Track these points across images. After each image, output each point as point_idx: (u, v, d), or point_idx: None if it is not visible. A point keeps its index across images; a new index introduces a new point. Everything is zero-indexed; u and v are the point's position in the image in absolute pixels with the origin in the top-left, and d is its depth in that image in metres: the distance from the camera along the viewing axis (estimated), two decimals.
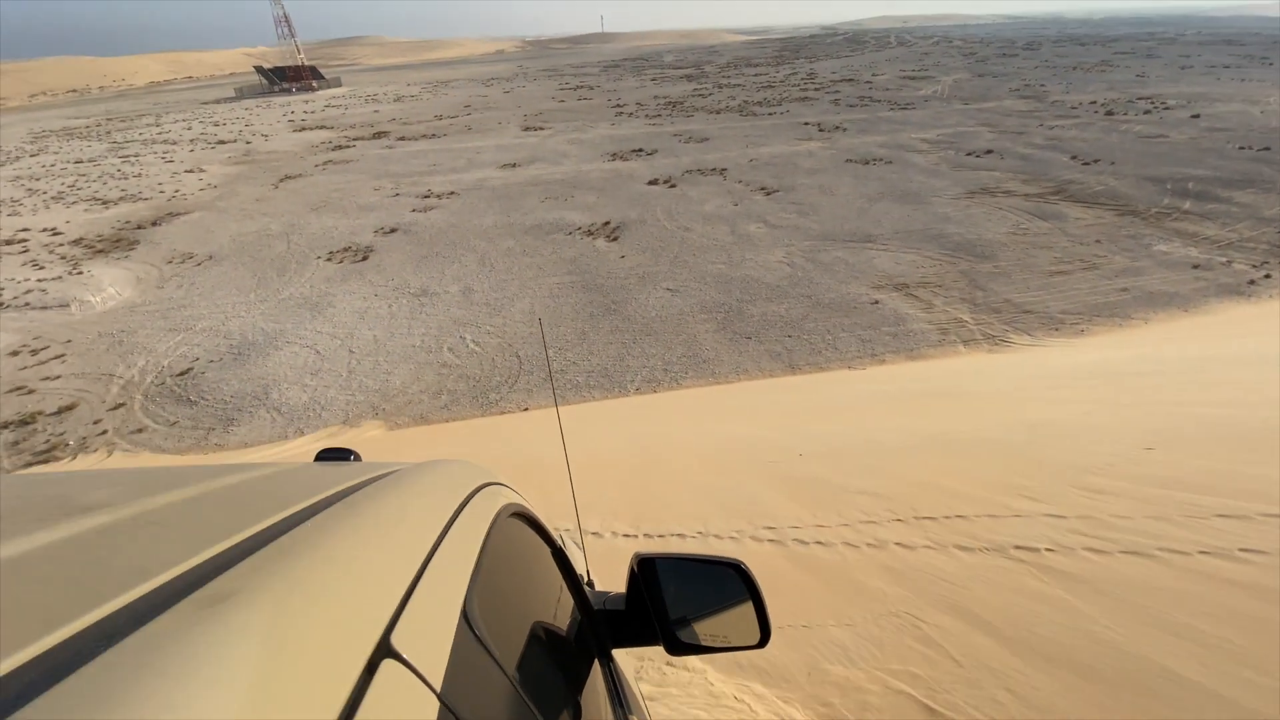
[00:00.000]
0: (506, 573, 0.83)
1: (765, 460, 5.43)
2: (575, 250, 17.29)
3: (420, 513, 0.69)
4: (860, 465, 4.99)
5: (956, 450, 5.03)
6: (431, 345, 12.58)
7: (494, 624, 0.66)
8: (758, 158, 26.87)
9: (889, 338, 11.76)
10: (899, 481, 4.50)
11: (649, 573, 1.20)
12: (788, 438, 6.03)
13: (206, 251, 19.11)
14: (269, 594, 0.41)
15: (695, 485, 5.12)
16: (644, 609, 1.20)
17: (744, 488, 4.91)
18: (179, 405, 11.08)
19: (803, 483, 4.81)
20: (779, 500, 4.56)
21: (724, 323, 12.67)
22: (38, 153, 40.67)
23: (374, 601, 0.46)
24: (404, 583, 0.51)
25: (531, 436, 7.35)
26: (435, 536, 0.63)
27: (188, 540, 0.50)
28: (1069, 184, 21.35)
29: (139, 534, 0.53)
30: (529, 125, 40.06)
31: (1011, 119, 33.80)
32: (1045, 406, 6.15)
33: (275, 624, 0.38)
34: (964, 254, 15.61)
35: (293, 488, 0.72)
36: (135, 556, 0.47)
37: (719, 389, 10.24)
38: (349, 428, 10.06)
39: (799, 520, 4.17)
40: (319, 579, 0.45)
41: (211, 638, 0.35)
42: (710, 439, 6.39)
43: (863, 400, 7.63)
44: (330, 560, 0.49)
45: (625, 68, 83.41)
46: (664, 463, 5.78)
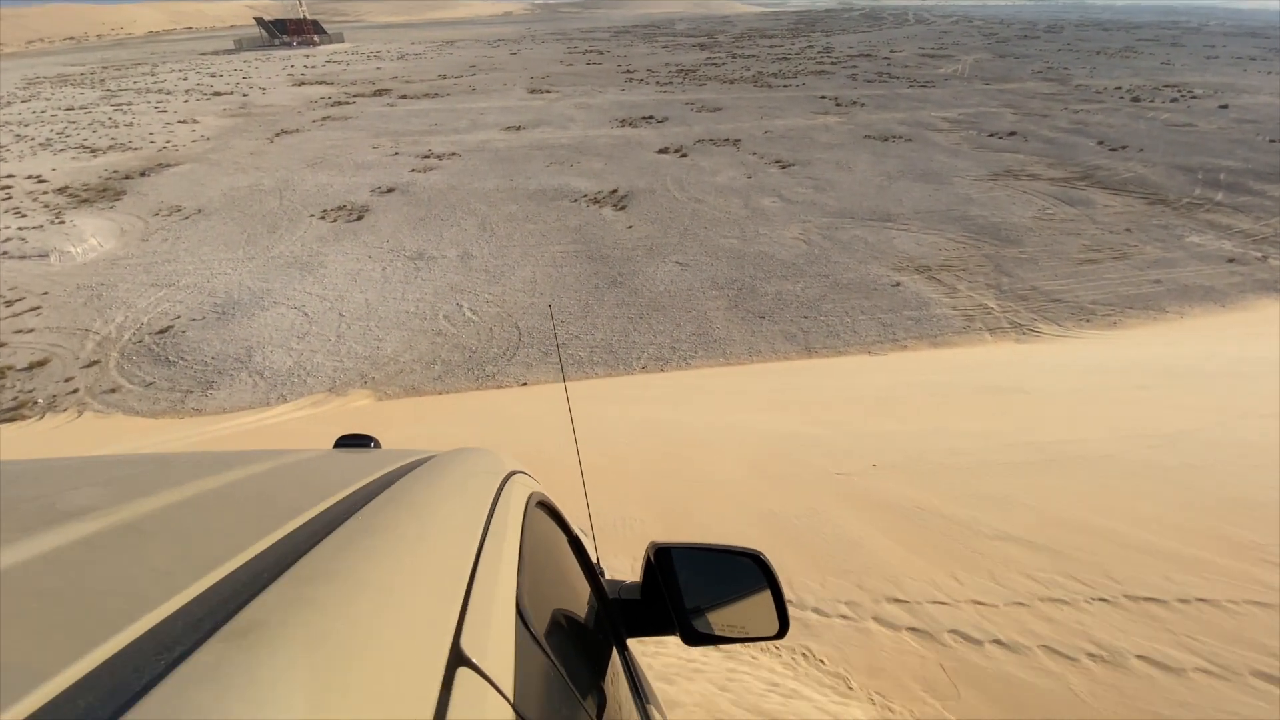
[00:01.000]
0: (542, 565, 0.80)
1: (832, 471, 4.57)
2: (580, 218, 16.51)
3: (457, 508, 0.66)
4: (964, 487, 4.05)
5: (1086, 470, 4.11)
6: (426, 312, 11.91)
7: (540, 620, 0.63)
8: (772, 130, 25.86)
9: (911, 322, 11.11)
10: (1041, 519, 3.49)
11: (665, 562, 1.17)
12: (842, 438, 5.24)
13: (195, 205, 18.28)
14: (316, 617, 0.35)
15: (750, 507, 4.17)
16: (660, 598, 1.17)
17: (824, 517, 3.88)
18: (156, 365, 10.45)
19: (904, 514, 3.83)
20: (886, 545, 3.48)
21: (736, 300, 11.99)
22: (29, 99, 39.33)
23: (436, 606, 0.42)
24: (461, 584, 0.47)
25: (531, 417, 6.67)
26: (480, 531, 0.60)
27: (204, 551, 0.43)
28: (1096, 170, 20.50)
29: (142, 543, 0.45)
30: (535, 88, 38.74)
31: (1035, 101, 32.66)
32: (1168, 413, 5.15)
33: (330, 654, 0.32)
34: (988, 237, 14.87)
35: (315, 482, 0.68)
36: (141, 573, 0.39)
37: (731, 370, 9.61)
38: (335, 396, 9.45)
39: (937, 587, 3.04)
40: (371, 590, 0.41)
41: (254, 681, 0.29)
42: (745, 434, 5.57)
43: (913, 392, 6.82)
44: (378, 566, 0.44)
45: (636, 34, 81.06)
46: (696, 466, 4.94)
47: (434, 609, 0.43)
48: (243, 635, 0.32)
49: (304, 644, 0.32)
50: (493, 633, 0.45)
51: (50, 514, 0.48)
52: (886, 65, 46.27)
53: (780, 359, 10.02)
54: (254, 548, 0.44)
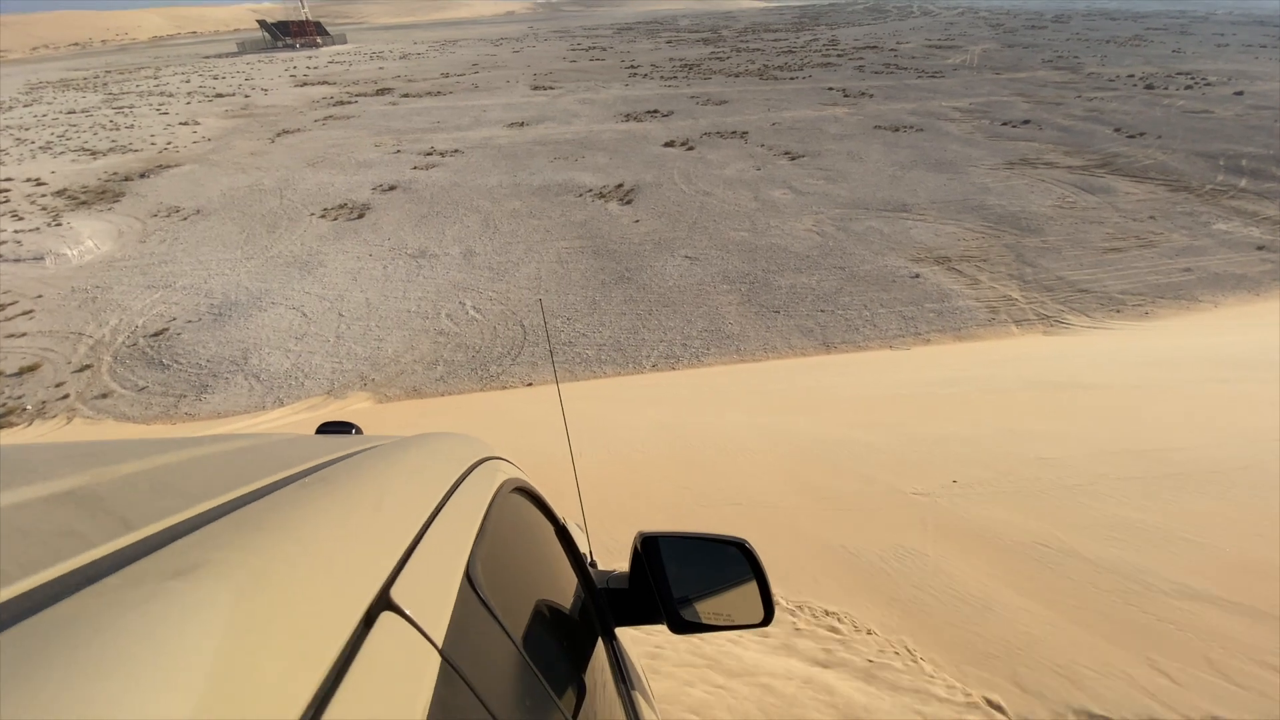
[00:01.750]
0: (510, 545, 0.80)
1: (904, 490, 3.88)
2: (586, 213, 16.09)
3: (419, 479, 0.66)
4: (1087, 513, 3.23)
5: (1231, 488, 3.27)
6: (428, 311, 11.53)
7: (498, 593, 0.63)
8: (780, 122, 25.36)
9: (933, 315, 10.64)
10: (1223, 563, 2.64)
11: (652, 551, 1.17)
12: (899, 444, 4.58)
13: (194, 205, 17.97)
14: (245, 557, 0.37)
15: (812, 539, 3.42)
16: (647, 587, 1.16)
17: (921, 560, 3.04)
18: (150, 369, 10.10)
19: (1029, 556, 2.91)
20: (1028, 609, 2.52)
21: (749, 295, 11.54)
22: (31, 103, 39.25)
23: (370, 558, 0.44)
24: (403, 542, 0.48)
25: (535, 419, 6.22)
26: (436, 502, 0.60)
27: (153, 506, 0.44)
28: (1115, 157, 19.93)
29: (95, 501, 0.46)
30: (538, 84, 38.33)
31: (1047, 89, 32.03)
32: (1272, 410, 4.36)
33: (252, 588, 0.34)
34: (1008, 227, 14.36)
35: (282, 456, 0.67)
36: (84, 525, 0.40)
37: (747, 367, 9.17)
38: (334, 399, 9.07)
39: (1140, 686, 2.10)
40: (306, 536, 0.42)
41: (170, 606, 0.29)
42: (782, 439, 4.87)
43: (958, 389, 6.20)
44: (318, 518, 0.45)
45: (639, 30, 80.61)
46: (731, 480, 4.27)
47: (368, 559, 0.43)
48: (165, 570, 0.33)
49: (223, 580, 0.33)
50: (430, 590, 0.46)
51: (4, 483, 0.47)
52: (893, 56, 45.61)
53: (797, 355, 9.57)
54: (200, 506, 0.44)
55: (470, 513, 0.66)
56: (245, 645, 0.29)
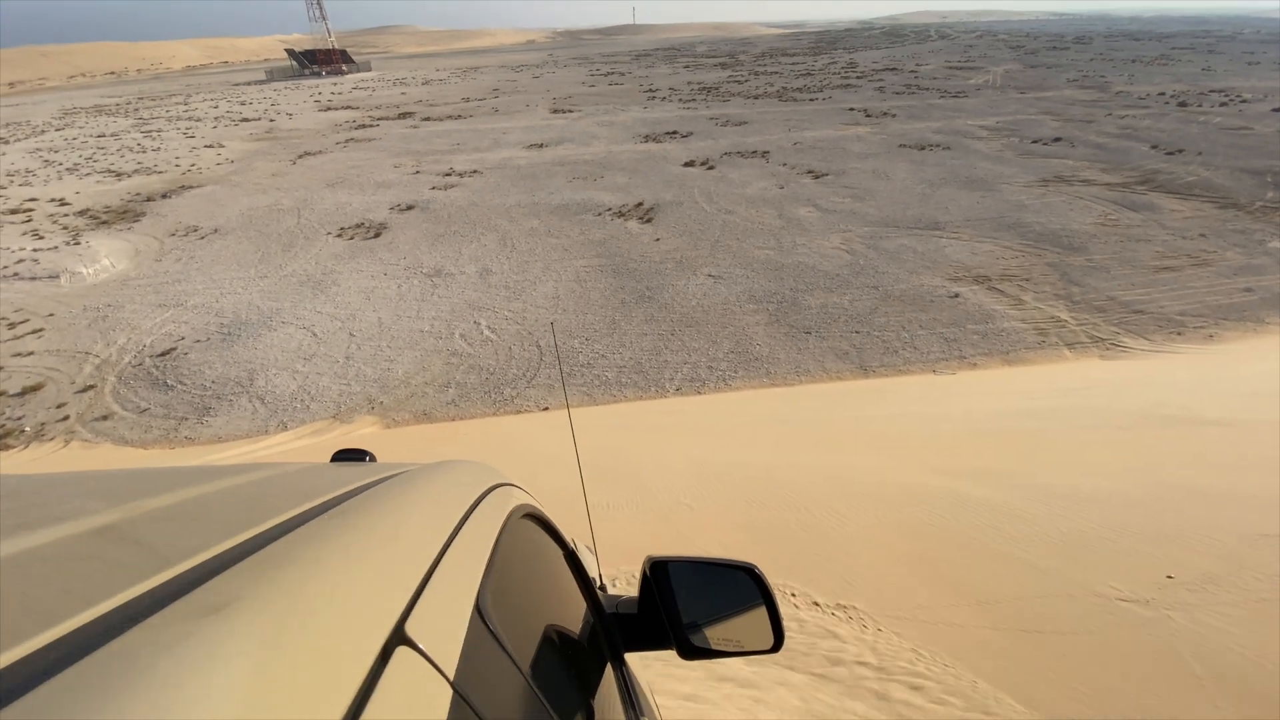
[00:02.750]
0: (519, 572, 0.81)
1: (1101, 592, 2.80)
2: (605, 232, 15.67)
3: (432, 510, 0.67)
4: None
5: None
6: (442, 331, 11.07)
7: (507, 621, 0.64)
8: (802, 141, 24.96)
9: (977, 337, 9.94)
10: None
11: (661, 576, 1.15)
12: (1029, 503, 3.56)
13: (212, 225, 17.89)
14: (273, 595, 0.39)
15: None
16: (656, 612, 1.15)
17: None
18: (153, 389, 9.72)
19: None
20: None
21: (777, 315, 10.94)
22: (63, 127, 40.29)
23: (386, 593, 0.45)
24: (417, 576, 0.50)
25: (552, 453, 5.42)
26: (448, 533, 0.62)
27: (186, 542, 0.46)
28: (1155, 174, 19.16)
29: (131, 537, 0.50)
30: (558, 108, 38.52)
31: (1075, 108, 31.38)
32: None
33: (279, 626, 0.36)
34: (1049, 245, 13.65)
35: (302, 487, 0.69)
36: (124, 560, 0.43)
37: (778, 392, 8.53)
38: (339, 423, 8.58)
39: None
40: (327, 574, 0.44)
41: (206, 645, 0.32)
42: (866, 492, 3.89)
43: (1046, 423, 5.17)
44: (339, 555, 0.47)
45: (657, 56, 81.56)
46: (823, 558, 3.20)
47: (384, 594, 0.44)
48: (201, 608, 0.35)
49: (253, 618, 0.35)
50: (442, 624, 0.47)
51: (29, 518, 0.49)
52: (914, 78, 45.32)
53: (832, 379, 8.92)
54: (229, 541, 0.46)
55: (481, 542, 0.67)
56: (272, 682, 0.31)
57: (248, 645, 0.33)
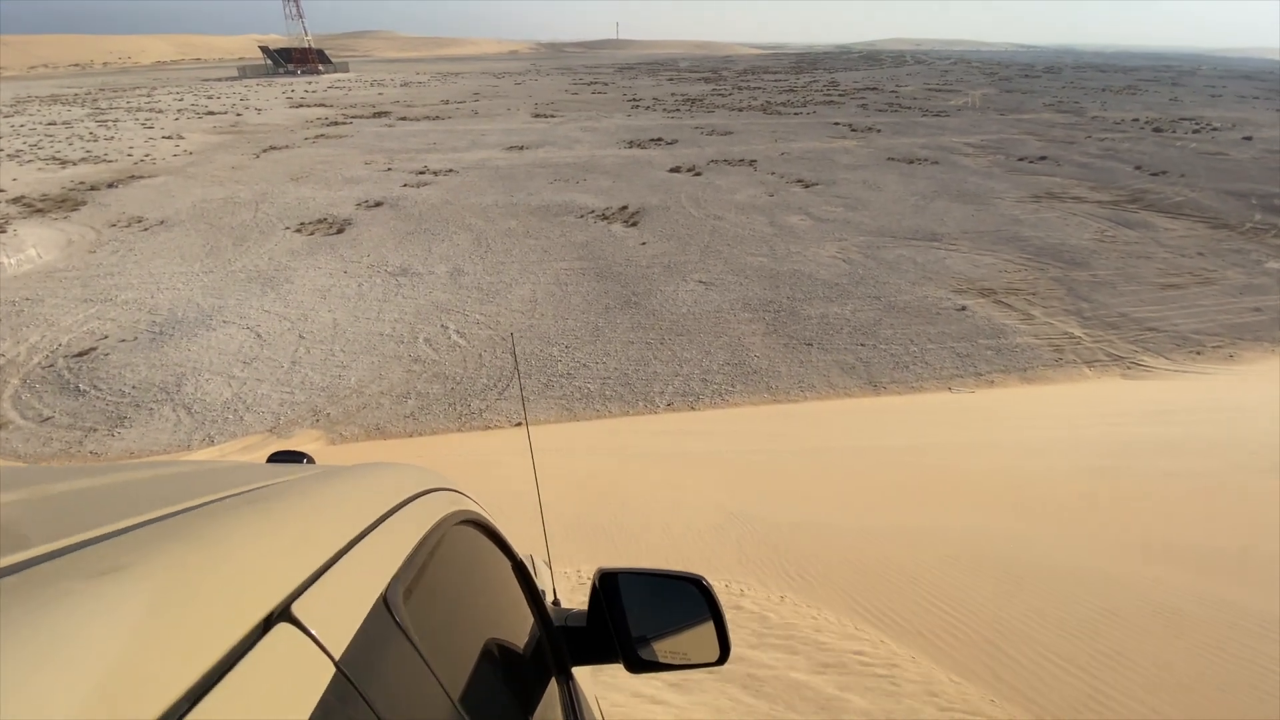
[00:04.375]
0: (450, 578, 0.78)
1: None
2: (587, 234, 14.71)
3: (350, 502, 0.65)
4: None
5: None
6: (404, 334, 9.95)
7: (425, 622, 0.61)
8: (789, 152, 24.43)
9: (990, 353, 9.18)
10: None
11: (611, 588, 1.12)
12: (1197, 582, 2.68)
13: (159, 216, 16.47)
14: (161, 562, 0.38)
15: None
16: (605, 626, 1.11)
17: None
18: (62, 395, 8.41)
19: None
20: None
21: (775, 324, 10.07)
22: (12, 114, 38.05)
23: (277, 571, 0.44)
24: (317, 561, 0.48)
25: (522, 486, 3.99)
26: (362, 526, 0.59)
27: (87, 518, 0.44)
28: (1144, 193, 18.97)
29: (30, 512, 0.47)
30: (539, 113, 37.65)
31: (1056, 130, 31.59)
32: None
33: (163, 591, 0.35)
34: (1050, 259, 13.09)
35: (226, 480, 0.66)
36: (15, 529, 0.42)
37: (783, 410, 7.62)
38: (276, 437, 7.40)
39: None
40: (219, 546, 0.43)
41: (91, 603, 0.31)
42: (1011, 587, 2.86)
43: (1189, 462, 4.19)
44: (236, 530, 0.46)
45: (640, 69, 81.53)
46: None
47: (274, 572, 0.43)
48: (90, 570, 0.34)
49: (140, 583, 0.34)
50: (335, 608, 0.46)
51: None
52: (895, 97, 45.57)
53: (840, 395, 8.04)
54: (130, 520, 0.44)
55: (400, 539, 0.64)
56: (147, 642, 0.31)
57: (133, 607, 0.32)
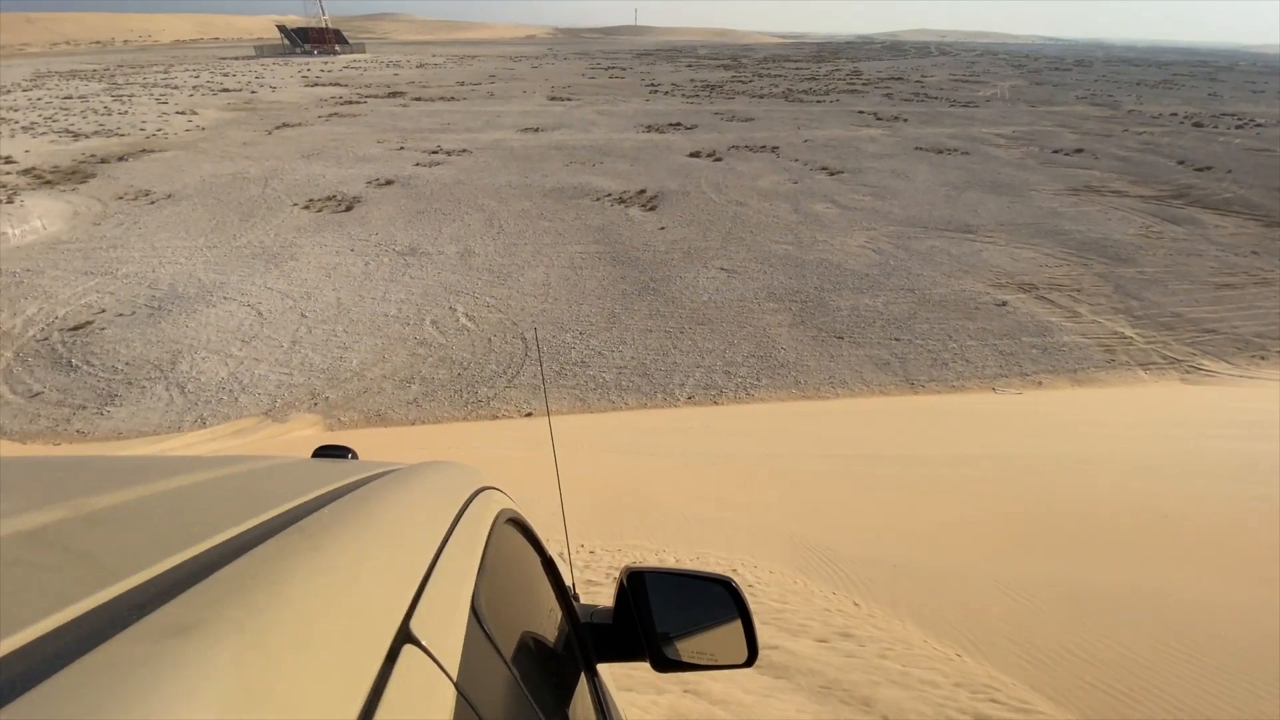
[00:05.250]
0: (506, 577, 0.79)
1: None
2: (604, 218, 14.14)
3: (426, 510, 0.65)
4: None
5: None
6: (410, 316, 9.48)
7: (499, 625, 0.62)
8: (812, 139, 23.65)
9: (1035, 352, 8.55)
10: None
11: (638, 587, 1.10)
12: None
13: (166, 190, 16.10)
14: (256, 605, 0.35)
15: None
16: (631, 624, 1.10)
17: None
18: (54, 370, 8.03)
19: None
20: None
21: (802, 315, 9.48)
22: (31, 89, 37.96)
23: (391, 592, 0.43)
24: (418, 575, 0.48)
25: (536, 492, 3.51)
26: (443, 534, 0.59)
27: (148, 547, 0.41)
28: (1188, 189, 18.05)
29: (77, 540, 0.43)
30: (556, 96, 36.98)
31: (1090, 122, 30.46)
32: None
33: (260, 640, 0.32)
34: (1094, 254, 12.36)
35: (287, 485, 0.65)
36: (67, 569, 0.38)
37: (813, 406, 7.06)
38: (271, 421, 6.95)
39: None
40: (324, 576, 0.41)
41: (172, 668, 0.28)
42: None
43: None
44: (339, 553, 0.45)
45: (658, 56, 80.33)
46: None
47: (388, 594, 0.43)
48: (168, 628, 0.31)
49: (229, 633, 0.31)
50: (443, 623, 0.46)
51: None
52: (920, 87, 44.36)
53: (876, 393, 7.46)
54: (202, 545, 0.42)
55: (473, 544, 0.64)
56: (263, 689, 0.28)
57: (220, 664, 0.29)
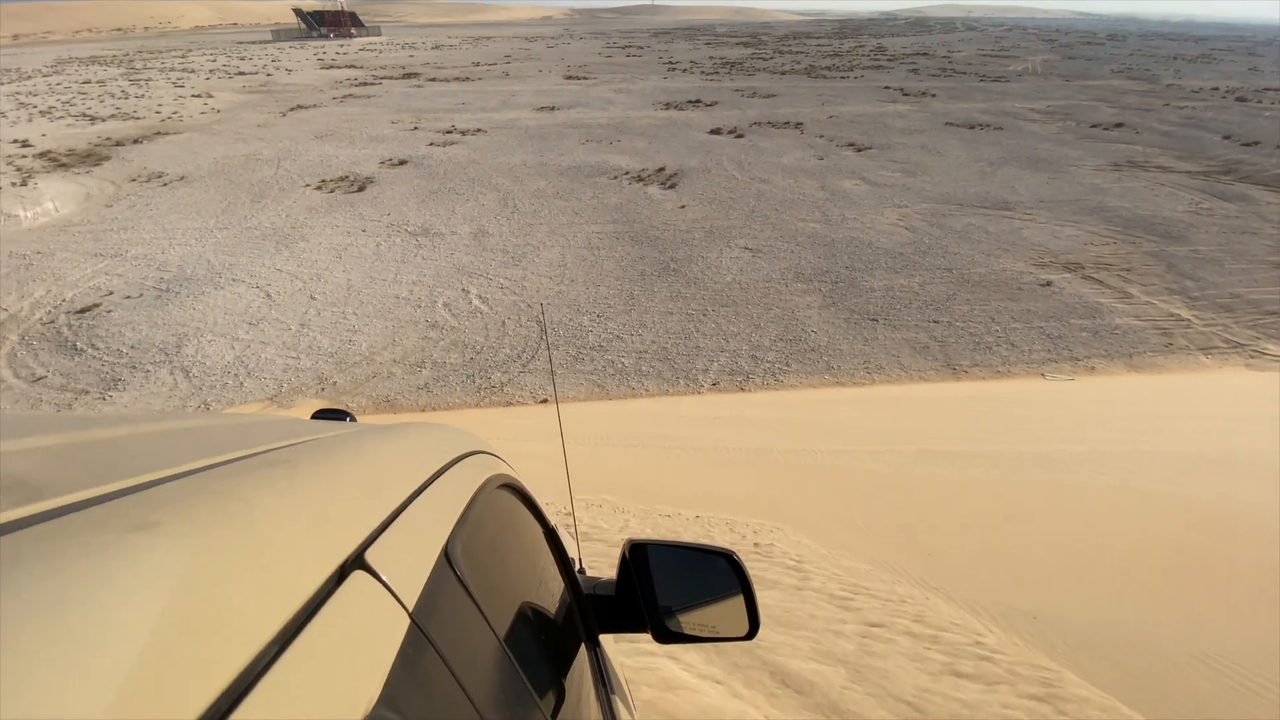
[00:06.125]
0: (494, 538, 0.78)
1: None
2: (621, 196, 13.66)
3: (405, 458, 0.64)
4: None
5: None
6: (422, 298, 9.13)
7: (478, 579, 0.61)
8: (837, 115, 22.82)
9: (1086, 335, 7.97)
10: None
11: (640, 559, 1.12)
12: None
13: (179, 172, 15.90)
14: (217, 511, 0.35)
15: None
16: (634, 595, 1.12)
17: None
18: (59, 353, 7.81)
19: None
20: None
21: (833, 296, 8.98)
22: (51, 74, 38.12)
23: (349, 520, 0.43)
24: (383, 512, 0.47)
25: (548, 481, 3.06)
26: (420, 481, 0.59)
27: (131, 465, 0.42)
28: (1238, 164, 17.06)
29: (72, 457, 0.44)
30: (572, 75, 36.27)
31: (1129, 97, 29.14)
32: None
33: (218, 540, 0.32)
34: (1142, 232, 11.63)
35: (274, 432, 0.65)
36: (51, 474, 0.38)
37: (850, 394, 6.59)
38: (276, 406, 6.66)
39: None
40: (291, 493, 0.42)
41: (124, 559, 0.27)
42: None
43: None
44: (301, 478, 0.45)
45: (676, 34, 78.75)
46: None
47: (346, 522, 0.43)
48: (127, 524, 0.31)
49: (194, 530, 0.31)
50: (404, 557, 0.45)
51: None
52: (948, 63, 42.87)
53: (915, 379, 6.97)
54: (180, 467, 0.42)
55: (453, 497, 0.64)
56: (208, 588, 0.28)
57: (177, 556, 0.28)
